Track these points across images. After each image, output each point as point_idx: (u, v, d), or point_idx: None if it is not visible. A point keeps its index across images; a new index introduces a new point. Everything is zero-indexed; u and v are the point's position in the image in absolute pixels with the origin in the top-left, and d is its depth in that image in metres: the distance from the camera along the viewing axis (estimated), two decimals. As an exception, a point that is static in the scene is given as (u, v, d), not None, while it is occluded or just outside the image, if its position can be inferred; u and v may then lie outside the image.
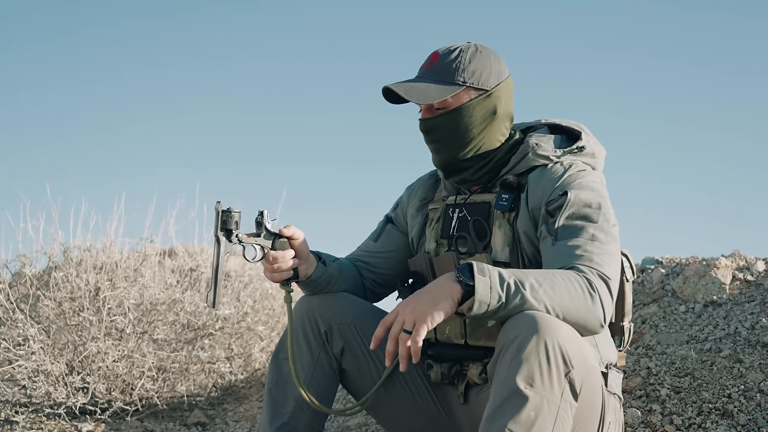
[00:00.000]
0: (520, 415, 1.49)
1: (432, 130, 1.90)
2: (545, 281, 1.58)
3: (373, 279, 2.12)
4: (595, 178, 1.83)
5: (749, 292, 3.06)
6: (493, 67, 1.89)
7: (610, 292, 1.64)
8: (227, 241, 1.79)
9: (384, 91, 1.90)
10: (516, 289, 1.55)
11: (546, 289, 1.56)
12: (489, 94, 1.88)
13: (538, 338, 1.50)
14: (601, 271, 1.65)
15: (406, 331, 1.56)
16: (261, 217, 1.83)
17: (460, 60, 1.87)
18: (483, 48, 1.91)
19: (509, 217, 1.86)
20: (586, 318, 1.60)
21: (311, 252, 1.95)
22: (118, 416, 3.51)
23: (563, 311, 1.57)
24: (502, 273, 1.56)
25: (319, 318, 1.97)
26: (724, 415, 2.34)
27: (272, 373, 1.98)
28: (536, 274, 1.60)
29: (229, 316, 3.91)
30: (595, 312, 1.61)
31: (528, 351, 1.50)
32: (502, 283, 1.55)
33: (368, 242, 2.17)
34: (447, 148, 1.90)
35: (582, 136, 1.93)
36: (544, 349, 1.50)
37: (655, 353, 2.81)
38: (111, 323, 3.56)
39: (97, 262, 3.80)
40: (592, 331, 1.63)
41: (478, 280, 1.54)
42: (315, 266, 1.94)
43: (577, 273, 1.63)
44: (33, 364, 3.44)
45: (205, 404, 3.79)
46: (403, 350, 1.56)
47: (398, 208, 2.17)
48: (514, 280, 1.56)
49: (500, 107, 1.90)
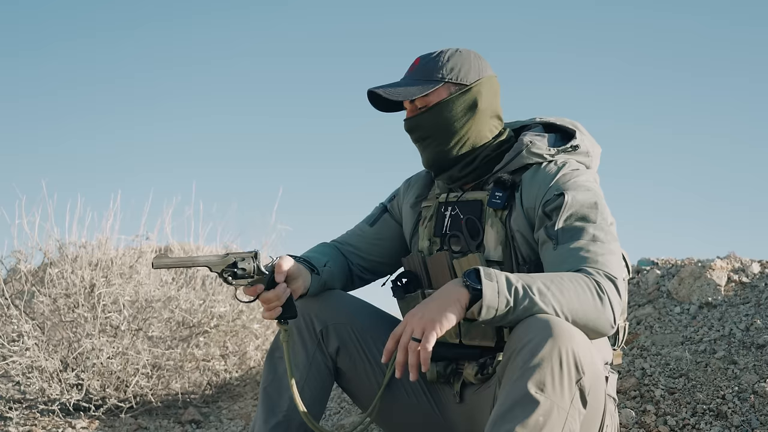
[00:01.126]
0: (528, 419, 1.48)
1: (415, 128, 1.91)
2: (553, 285, 1.57)
3: (361, 265, 2.11)
4: (589, 177, 1.83)
5: (744, 294, 3.07)
6: (472, 63, 1.91)
7: (618, 292, 1.64)
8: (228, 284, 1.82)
9: (369, 95, 1.93)
10: (524, 293, 1.54)
11: (554, 293, 1.56)
12: (469, 88, 1.89)
13: (552, 343, 1.49)
14: (607, 272, 1.64)
15: (416, 339, 1.55)
16: (255, 260, 1.82)
17: (439, 59, 1.90)
18: (464, 49, 1.94)
19: (502, 215, 1.86)
20: (596, 320, 1.59)
21: (302, 262, 1.93)
22: (112, 413, 3.51)
23: (573, 314, 1.56)
24: (509, 277, 1.56)
25: (314, 317, 1.97)
26: (718, 416, 2.34)
27: (267, 372, 1.98)
28: (543, 277, 1.59)
29: (224, 314, 3.90)
30: (605, 314, 1.60)
31: (541, 356, 1.49)
32: (510, 288, 1.54)
33: (363, 226, 2.16)
34: (432, 145, 1.91)
35: (576, 135, 1.93)
36: (557, 355, 1.49)
37: (649, 354, 2.82)
38: (106, 320, 3.55)
39: (93, 259, 3.79)
40: (602, 333, 1.63)
41: (485, 285, 1.53)
42: (310, 280, 1.93)
43: (585, 275, 1.62)
44: (27, 360, 3.44)
45: (200, 402, 3.79)
46: (412, 359, 1.55)
47: (394, 200, 2.16)
48: (522, 284, 1.55)
49: (482, 102, 1.90)
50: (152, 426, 3.42)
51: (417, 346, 1.55)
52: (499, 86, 1.96)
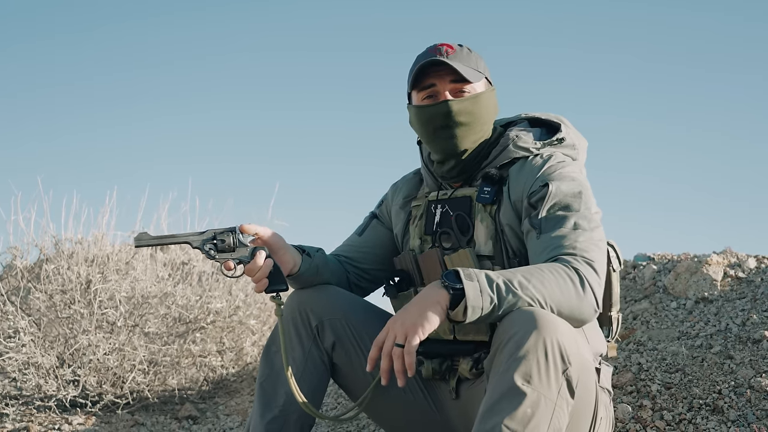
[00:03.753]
0: (516, 411, 1.48)
1: (462, 111, 1.87)
2: (533, 277, 1.58)
3: (357, 274, 2.12)
4: (574, 169, 1.85)
5: (740, 289, 3.07)
6: (487, 67, 1.97)
7: (597, 275, 1.65)
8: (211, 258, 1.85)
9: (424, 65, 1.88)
10: (506, 288, 1.55)
11: (536, 284, 1.56)
12: (493, 89, 1.96)
13: (537, 335, 1.50)
14: (585, 257, 1.65)
15: (399, 345, 1.56)
16: (234, 233, 1.84)
17: (473, 53, 1.93)
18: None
19: (491, 210, 1.87)
20: (579, 308, 1.60)
21: (294, 246, 1.94)
22: (108, 409, 3.51)
23: (556, 304, 1.57)
24: (489, 274, 1.56)
25: (310, 312, 1.97)
26: (715, 411, 2.35)
27: (263, 367, 1.98)
28: (523, 270, 1.59)
29: (220, 310, 3.90)
30: (587, 299, 1.61)
31: (526, 348, 1.50)
32: (491, 285, 1.54)
33: (353, 237, 2.17)
34: (463, 132, 1.89)
35: (561, 128, 1.95)
36: (542, 347, 1.50)
37: (646, 349, 2.82)
38: (102, 316, 3.55)
39: (89, 255, 3.79)
40: (586, 320, 1.64)
41: (467, 286, 1.53)
42: (300, 259, 1.93)
43: (564, 264, 1.63)
44: (23, 356, 3.43)
45: (196, 398, 3.78)
46: (398, 365, 1.56)
47: (383, 205, 2.17)
48: (503, 279, 1.56)
49: (497, 105, 1.96)
50: (149, 422, 3.42)
51: (401, 352, 1.55)
52: None
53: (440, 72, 1.87)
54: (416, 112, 1.92)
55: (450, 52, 1.89)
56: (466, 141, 1.90)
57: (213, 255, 1.83)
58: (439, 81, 1.88)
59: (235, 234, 1.84)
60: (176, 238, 1.84)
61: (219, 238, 1.83)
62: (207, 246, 1.83)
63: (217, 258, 1.83)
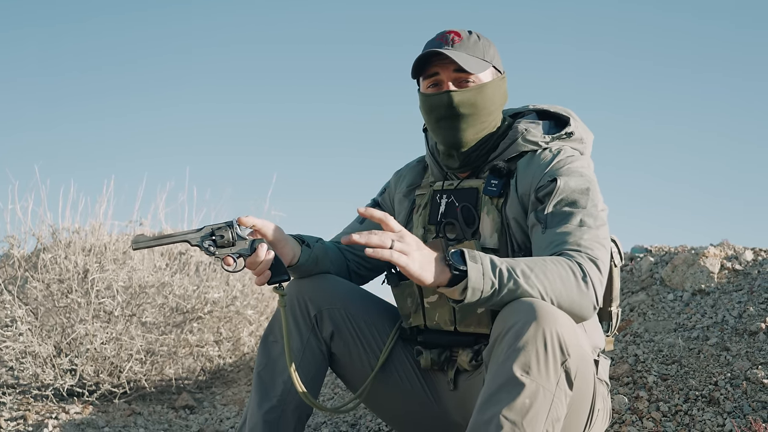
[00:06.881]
0: (515, 402, 1.48)
1: (465, 102, 1.85)
2: (536, 267, 1.57)
3: (357, 262, 2.11)
4: (583, 163, 1.84)
5: (737, 281, 3.08)
6: (498, 54, 1.93)
7: (600, 272, 1.64)
8: (211, 255, 1.83)
9: (423, 56, 1.86)
10: (509, 275, 1.54)
11: (538, 275, 1.56)
12: (503, 77, 1.92)
13: (536, 326, 1.50)
14: (589, 254, 1.65)
15: None
16: (231, 228, 1.83)
17: (481, 41, 1.89)
18: (484, 37, 1.93)
19: (498, 203, 1.86)
20: (579, 302, 1.60)
21: (293, 236, 1.93)
22: (105, 398, 3.51)
23: (557, 297, 1.57)
24: (493, 259, 1.55)
25: (308, 301, 1.96)
26: (711, 403, 2.36)
27: (261, 357, 1.97)
28: (527, 260, 1.59)
29: (218, 300, 3.90)
30: (588, 295, 1.61)
31: (526, 338, 1.50)
32: (494, 270, 1.54)
33: (353, 224, 2.15)
34: (468, 122, 1.87)
35: (570, 122, 1.93)
36: (542, 338, 1.50)
37: (642, 341, 2.83)
38: (99, 305, 3.55)
39: (86, 244, 3.78)
40: (586, 316, 1.63)
41: (470, 267, 1.52)
42: (300, 250, 1.92)
43: (568, 258, 1.63)
44: (20, 345, 3.43)
45: (193, 387, 3.79)
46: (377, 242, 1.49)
47: (385, 193, 2.16)
48: (506, 266, 1.55)
49: (506, 93, 1.93)
50: (146, 411, 3.42)
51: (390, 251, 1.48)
52: None
53: (444, 61, 1.86)
54: (422, 100, 1.91)
55: (456, 40, 1.86)
56: (469, 132, 1.88)
57: (213, 251, 1.81)
58: (443, 70, 1.86)
59: (233, 228, 1.82)
60: (174, 237, 1.82)
61: (217, 233, 1.81)
62: (206, 243, 1.81)
63: (217, 254, 1.81)
